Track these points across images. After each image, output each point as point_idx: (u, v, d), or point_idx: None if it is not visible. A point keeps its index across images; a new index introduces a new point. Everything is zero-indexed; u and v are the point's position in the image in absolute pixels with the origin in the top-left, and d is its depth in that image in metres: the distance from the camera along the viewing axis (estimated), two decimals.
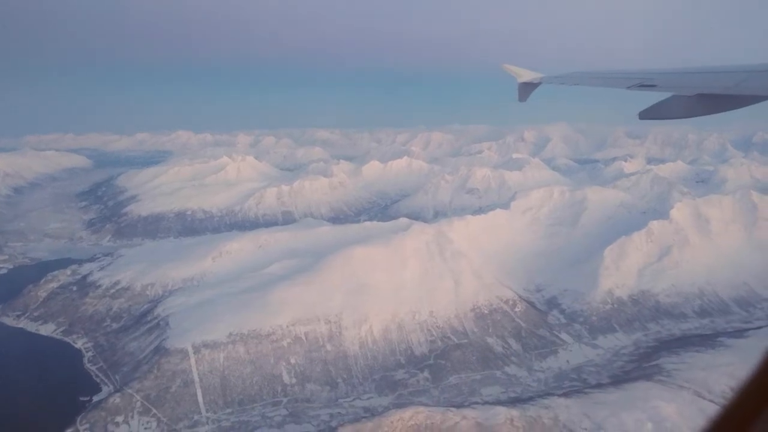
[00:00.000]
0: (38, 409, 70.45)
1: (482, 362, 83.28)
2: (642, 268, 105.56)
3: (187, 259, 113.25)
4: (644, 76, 14.22)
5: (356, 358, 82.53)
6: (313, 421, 71.52)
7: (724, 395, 66.85)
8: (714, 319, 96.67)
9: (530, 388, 77.58)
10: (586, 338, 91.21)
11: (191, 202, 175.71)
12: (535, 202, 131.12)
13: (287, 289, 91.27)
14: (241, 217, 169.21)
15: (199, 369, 77.52)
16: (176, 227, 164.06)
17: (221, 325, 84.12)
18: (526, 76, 21.59)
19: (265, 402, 75.21)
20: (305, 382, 78.72)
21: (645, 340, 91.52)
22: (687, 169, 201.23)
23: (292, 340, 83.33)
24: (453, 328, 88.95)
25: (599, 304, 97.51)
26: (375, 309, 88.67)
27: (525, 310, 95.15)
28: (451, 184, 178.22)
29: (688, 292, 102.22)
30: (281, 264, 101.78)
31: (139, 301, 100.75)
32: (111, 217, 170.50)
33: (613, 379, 77.25)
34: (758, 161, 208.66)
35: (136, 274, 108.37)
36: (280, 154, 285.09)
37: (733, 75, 11.66)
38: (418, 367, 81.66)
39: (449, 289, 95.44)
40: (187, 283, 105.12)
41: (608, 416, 62.39)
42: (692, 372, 71.93)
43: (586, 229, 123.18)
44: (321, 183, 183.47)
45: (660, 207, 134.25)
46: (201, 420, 71.05)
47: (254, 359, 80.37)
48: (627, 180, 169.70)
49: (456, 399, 74.98)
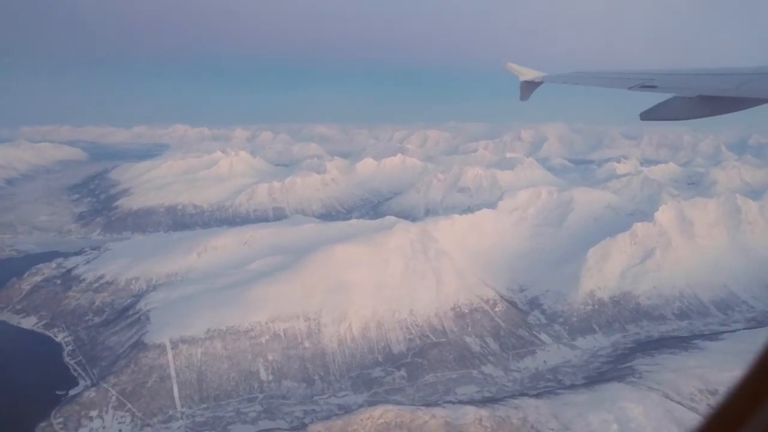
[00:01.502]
0: (14, 403, 70.85)
1: (459, 361, 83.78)
2: (625, 269, 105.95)
3: (172, 254, 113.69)
4: (645, 77, 14.27)
5: (334, 356, 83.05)
6: (287, 418, 72.07)
7: (692, 397, 67.43)
8: (692, 321, 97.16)
9: (505, 388, 78.10)
10: (565, 339, 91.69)
11: (182, 196, 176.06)
12: (523, 202, 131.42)
13: (268, 286, 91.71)
14: (231, 213, 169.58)
15: (176, 364, 78.06)
16: (166, 222, 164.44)
17: (200, 320, 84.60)
18: (528, 74, 21.67)
19: (240, 398, 75.78)
20: (282, 378, 79.27)
21: (623, 341, 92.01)
22: (679, 171, 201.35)
23: (271, 337, 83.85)
24: (432, 327, 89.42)
25: (580, 305, 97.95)
26: (355, 307, 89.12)
27: (505, 310, 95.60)
28: (443, 183, 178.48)
29: (669, 294, 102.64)
30: (264, 261, 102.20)
31: (123, 296, 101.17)
32: (102, 210, 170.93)
33: (588, 380, 77.79)
34: (750, 164, 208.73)
35: (120, 268, 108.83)
36: (275, 150, 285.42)
37: (734, 77, 11.71)
38: (395, 365, 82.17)
39: (430, 288, 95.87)
40: (171, 278, 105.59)
41: (575, 417, 62.90)
42: (663, 374, 72.40)
43: (572, 229, 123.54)
44: (313, 179, 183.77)
45: (648, 209, 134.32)
46: (176, 415, 71.59)
47: (232, 355, 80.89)
48: (618, 181, 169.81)
49: (431, 397, 75.51)
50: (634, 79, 14.32)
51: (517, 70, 22.20)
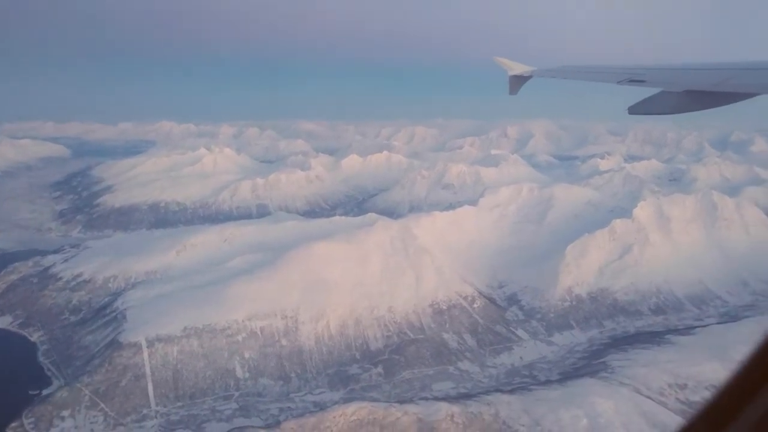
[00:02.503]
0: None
1: (436, 358, 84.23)
2: (603, 266, 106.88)
3: (151, 251, 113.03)
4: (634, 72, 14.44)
5: (311, 353, 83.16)
6: (262, 415, 72.15)
7: (661, 391, 68.35)
8: (668, 316, 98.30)
9: (480, 384, 78.65)
10: (542, 335, 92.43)
11: (165, 193, 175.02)
12: (504, 199, 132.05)
13: (246, 284, 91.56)
14: (214, 210, 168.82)
15: (152, 363, 77.79)
16: (149, 219, 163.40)
17: (177, 319, 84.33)
18: (517, 69, 21.80)
19: (216, 396, 75.73)
20: (258, 376, 79.28)
21: (600, 337, 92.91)
22: (661, 168, 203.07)
23: (248, 335, 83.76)
24: (410, 324, 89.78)
25: (558, 301, 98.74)
26: (333, 304, 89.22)
27: (484, 307, 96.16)
28: (427, 180, 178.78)
29: (646, 290, 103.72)
30: (243, 258, 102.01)
31: (100, 294, 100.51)
32: (83, 208, 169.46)
33: (562, 376, 78.50)
34: (731, 160, 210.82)
35: (99, 266, 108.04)
36: (261, 146, 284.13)
37: (720, 72, 11.90)
38: (372, 362, 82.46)
39: (410, 285, 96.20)
40: (150, 276, 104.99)
41: (547, 413, 63.51)
42: (634, 369, 73.29)
43: (552, 226, 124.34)
44: (297, 176, 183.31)
45: (629, 205, 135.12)
46: (150, 414, 71.41)
47: (208, 353, 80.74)
48: (600, 177, 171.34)
49: (407, 394, 75.89)
50: (622, 74, 14.58)
51: (507, 64, 22.40)
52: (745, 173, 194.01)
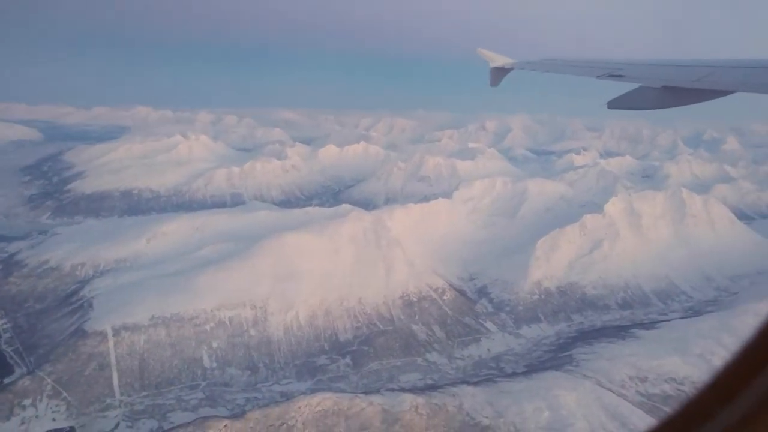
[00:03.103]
0: None
1: (405, 349, 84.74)
2: (573, 260, 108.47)
3: (121, 239, 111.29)
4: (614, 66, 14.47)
5: (279, 344, 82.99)
6: (228, 405, 71.87)
7: (622, 384, 69.86)
8: (634, 310, 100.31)
9: (448, 376, 79.42)
10: (510, 327, 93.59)
11: (139, 180, 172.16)
12: (478, 192, 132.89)
13: (216, 273, 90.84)
14: (188, 198, 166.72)
15: (117, 352, 76.83)
16: (121, 206, 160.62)
17: (145, 307, 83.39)
18: (498, 61, 21.75)
19: (183, 385, 75.18)
20: (226, 366, 78.89)
21: (567, 330, 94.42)
22: (635, 164, 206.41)
23: (216, 325, 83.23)
24: (380, 315, 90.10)
25: (527, 295, 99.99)
26: (303, 295, 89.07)
27: (453, 298, 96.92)
28: (403, 172, 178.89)
29: (614, 284, 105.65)
30: (214, 247, 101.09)
31: (67, 282, 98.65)
32: (53, 193, 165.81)
33: (528, 369, 79.66)
34: (702, 158, 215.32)
35: (66, 253, 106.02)
36: (239, 134, 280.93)
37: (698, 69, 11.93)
38: (341, 353, 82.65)
39: (380, 277, 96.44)
40: (120, 264, 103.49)
41: (510, 405, 64.43)
42: (598, 362, 74.70)
43: (524, 220, 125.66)
44: (273, 165, 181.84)
45: (602, 200, 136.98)
46: (114, 404, 70.56)
47: (175, 342, 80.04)
48: (575, 173, 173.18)
49: (374, 385, 76.28)
50: (602, 68, 14.59)
51: (488, 56, 22.38)
52: (715, 171, 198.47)
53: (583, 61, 17.46)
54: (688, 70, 12.44)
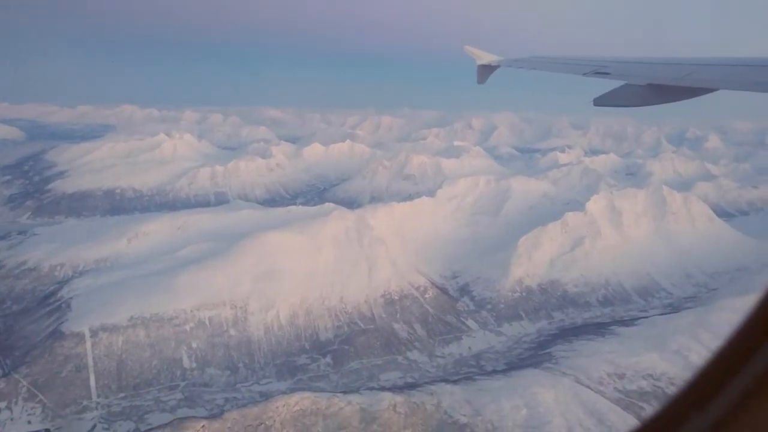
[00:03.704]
0: None
1: (386, 348, 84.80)
2: (554, 257, 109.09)
3: (102, 239, 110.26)
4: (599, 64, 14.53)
5: (260, 344, 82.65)
6: (207, 405, 71.48)
7: (600, 381, 70.39)
8: (615, 308, 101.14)
9: (428, 374, 79.57)
10: (491, 325, 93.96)
11: (122, 180, 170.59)
12: (461, 190, 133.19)
13: (196, 273, 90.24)
14: (172, 197, 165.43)
15: (95, 353, 76.09)
16: (103, 206, 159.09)
17: (124, 308, 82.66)
18: (485, 58, 21.77)
19: (161, 386, 74.64)
20: (205, 366, 78.44)
21: (548, 328, 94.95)
22: (618, 162, 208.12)
23: (196, 325, 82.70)
24: (361, 314, 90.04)
25: (508, 292, 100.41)
26: (284, 295, 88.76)
27: (435, 297, 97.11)
28: (388, 170, 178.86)
29: (595, 282, 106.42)
30: (195, 247, 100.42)
31: (46, 283, 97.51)
32: (33, 193, 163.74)
33: (508, 367, 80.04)
34: (685, 156, 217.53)
35: (45, 254, 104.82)
36: (224, 133, 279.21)
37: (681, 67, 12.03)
38: (321, 352, 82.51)
39: (362, 276, 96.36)
40: (100, 264, 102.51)
41: (488, 403, 64.66)
42: (577, 359, 75.19)
43: (507, 218, 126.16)
44: (257, 164, 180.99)
45: (585, 198, 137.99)
46: (90, 405, 69.90)
47: (154, 343, 79.43)
48: (558, 171, 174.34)
49: (354, 384, 76.25)
50: (588, 66, 14.68)
51: (475, 53, 22.40)
52: (697, 169, 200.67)
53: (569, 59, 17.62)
54: (673, 68, 12.59)
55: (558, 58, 18.62)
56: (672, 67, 12.79)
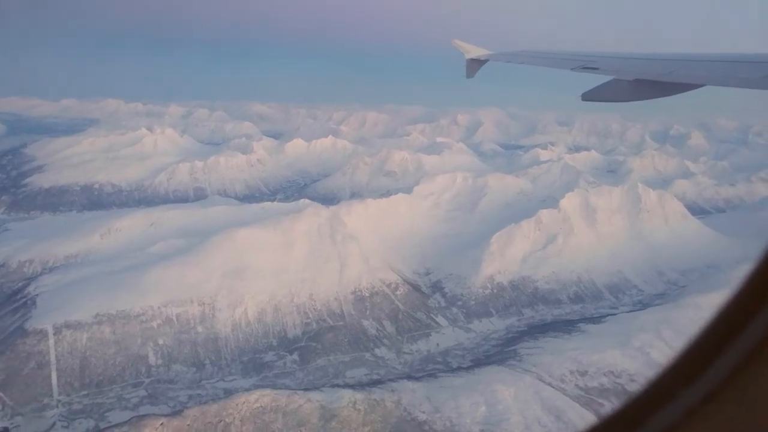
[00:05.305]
0: None
1: (353, 344, 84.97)
2: (527, 255, 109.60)
3: (74, 235, 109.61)
4: (588, 59, 14.51)
5: (227, 340, 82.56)
6: (170, 402, 71.32)
7: (562, 378, 70.97)
8: (585, 305, 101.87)
9: (394, 371, 79.83)
10: (461, 322, 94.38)
11: (100, 175, 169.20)
12: (439, 187, 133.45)
13: (165, 270, 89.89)
14: (150, 193, 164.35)
15: (58, 350, 75.68)
16: (81, 201, 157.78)
17: (90, 304, 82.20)
18: (474, 52, 21.60)
19: (125, 383, 74.39)
20: (171, 363, 78.26)
21: (517, 325, 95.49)
22: (599, 159, 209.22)
23: (163, 322, 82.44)
24: (330, 311, 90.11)
25: (479, 289, 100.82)
26: (252, 291, 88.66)
27: (406, 293, 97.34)
28: (369, 166, 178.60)
29: (567, 279, 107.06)
30: (166, 243, 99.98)
31: (14, 279, 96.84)
32: (9, 188, 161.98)
33: (474, 363, 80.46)
34: (667, 153, 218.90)
35: (15, 250, 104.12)
36: (208, 128, 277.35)
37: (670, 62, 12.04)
38: (288, 349, 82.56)
39: (334, 272, 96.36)
40: (69, 260, 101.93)
41: (448, 400, 65.03)
42: (541, 357, 75.73)
43: (483, 215, 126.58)
44: (238, 160, 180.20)
45: (562, 196, 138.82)
46: (51, 403, 69.55)
47: (120, 340, 79.12)
48: (538, 168, 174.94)
49: (320, 381, 76.34)
50: (577, 60, 14.65)
51: (464, 47, 22.22)
52: (677, 166, 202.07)
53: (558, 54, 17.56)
54: (660, 64, 12.60)
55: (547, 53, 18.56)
56: (659, 62, 12.83)
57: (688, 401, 2.22)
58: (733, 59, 11.42)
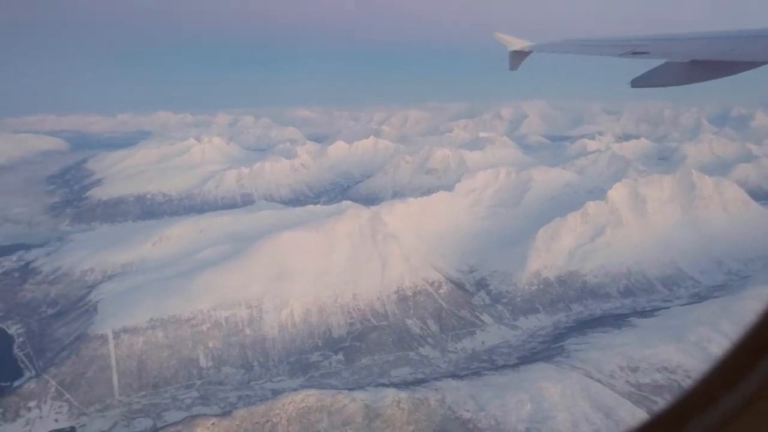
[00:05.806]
0: None
1: (398, 343, 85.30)
2: (573, 248, 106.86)
3: (129, 244, 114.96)
4: (636, 43, 13.89)
5: (274, 342, 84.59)
6: (221, 403, 73.80)
7: (612, 374, 68.88)
8: (636, 298, 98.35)
9: (438, 370, 79.66)
10: (507, 319, 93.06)
11: (152, 185, 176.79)
12: (480, 183, 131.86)
13: (213, 275, 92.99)
14: (200, 200, 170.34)
15: (117, 354, 79.70)
16: (135, 211, 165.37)
17: (144, 310, 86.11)
18: (516, 44, 21.30)
19: (179, 385, 77.55)
20: (221, 365, 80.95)
21: (565, 321, 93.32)
22: (650, 147, 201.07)
23: (212, 325, 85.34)
24: (374, 311, 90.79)
25: (525, 285, 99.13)
26: (297, 293, 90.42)
27: (450, 292, 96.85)
28: (411, 165, 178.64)
29: (616, 272, 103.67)
30: (214, 249, 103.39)
31: (78, 287, 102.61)
32: (73, 201, 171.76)
33: (520, 361, 79.22)
34: (727, 137, 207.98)
35: (78, 259, 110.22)
36: (254, 135, 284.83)
37: (727, 41, 11.57)
38: (334, 349, 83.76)
39: (376, 272, 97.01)
40: (126, 268, 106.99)
41: (492, 398, 64.33)
42: (589, 353, 73.75)
43: (527, 209, 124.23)
44: (282, 165, 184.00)
45: (610, 186, 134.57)
46: (113, 403, 73.39)
47: (173, 343, 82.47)
48: (585, 158, 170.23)
49: (365, 380, 77.12)
50: (624, 46, 13.98)
51: (506, 40, 21.91)
52: (738, 150, 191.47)
53: (604, 40, 16.92)
54: (716, 42, 12.03)
55: (592, 41, 17.87)
56: (715, 41, 12.21)
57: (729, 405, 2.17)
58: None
